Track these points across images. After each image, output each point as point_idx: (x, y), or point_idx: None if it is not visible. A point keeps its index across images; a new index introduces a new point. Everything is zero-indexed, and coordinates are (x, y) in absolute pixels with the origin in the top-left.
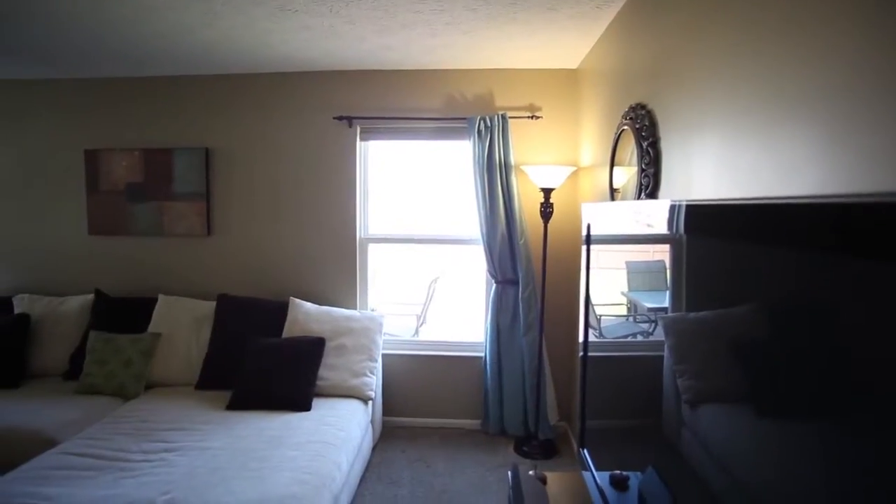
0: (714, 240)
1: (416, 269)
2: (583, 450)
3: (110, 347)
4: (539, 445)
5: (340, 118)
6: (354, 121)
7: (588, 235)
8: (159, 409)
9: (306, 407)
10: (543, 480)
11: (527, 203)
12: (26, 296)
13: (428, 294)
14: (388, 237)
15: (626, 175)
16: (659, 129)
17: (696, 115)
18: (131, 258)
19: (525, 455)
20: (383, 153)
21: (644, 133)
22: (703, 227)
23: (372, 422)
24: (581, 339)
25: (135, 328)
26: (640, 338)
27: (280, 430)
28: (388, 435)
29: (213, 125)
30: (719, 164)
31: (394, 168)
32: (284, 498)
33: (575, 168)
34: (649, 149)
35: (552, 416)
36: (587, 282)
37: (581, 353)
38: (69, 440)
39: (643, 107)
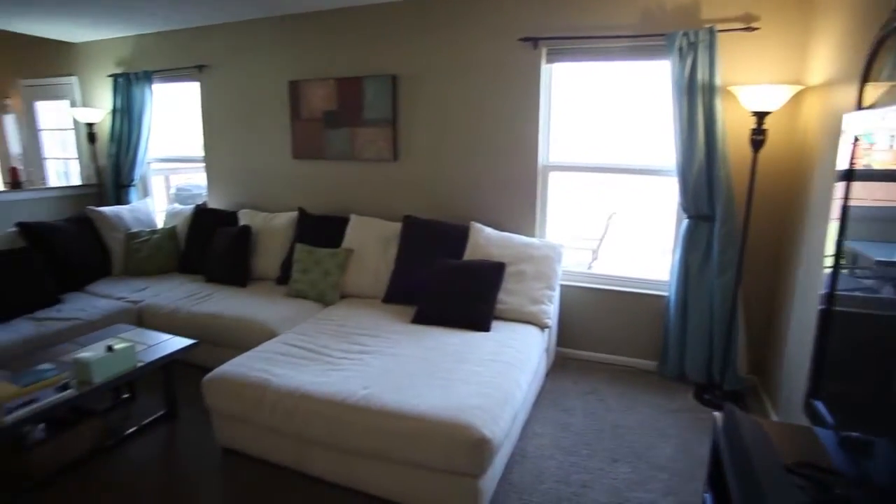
0: None
1: (593, 202)
2: (815, 402)
3: (312, 259)
4: (724, 396)
5: (526, 40)
6: (540, 42)
7: (851, 163)
8: (353, 316)
9: (486, 328)
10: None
11: (731, 129)
12: (247, 211)
13: (605, 228)
14: (571, 165)
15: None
16: None
17: None
18: (327, 180)
19: (706, 403)
20: (569, 76)
21: None
22: None
23: (546, 350)
24: (825, 290)
25: (331, 243)
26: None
27: (462, 346)
28: (560, 365)
29: (400, 53)
30: None
31: (579, 92)
32: (471, 408)
33: (800, 87)
34: None
35: (742, 366)
36: (842, 223)
37: (822, 307)
38: (285, 333)
39: None
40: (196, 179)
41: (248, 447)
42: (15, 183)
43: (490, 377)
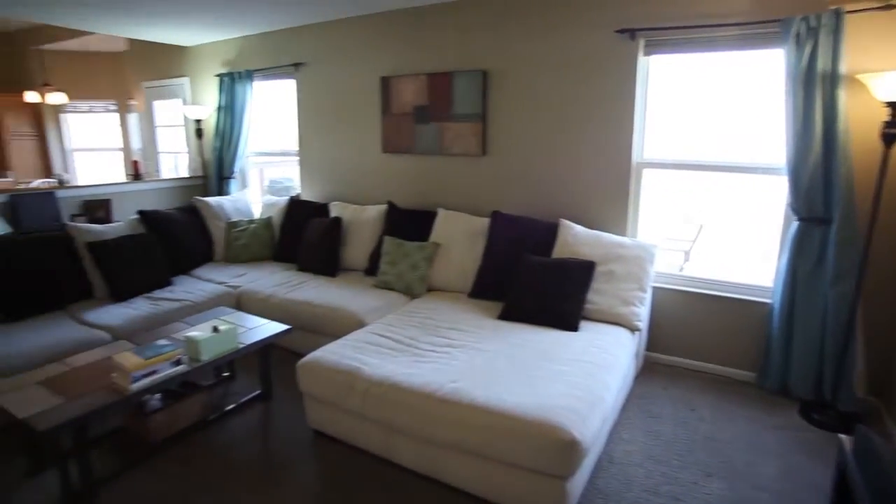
0: None
1: (687, 200)
2: None
3: (400, 251)
4: (837, 416)
5: (622, 31)
6: (638, 33)
7: None
8: (439, 309)
9: (574, 327)
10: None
11: (855, 123)
12: (338, 203)
13: (699, 229)
14: (666, 163)
15: None
16: None
17: None
18: (416, 174)
19: (814, 423)
20: (666, 68)
21: None
22: None
23: (635, 353)
24: None
25: (419, 236)
26: None
27: (550, 344)
28: (648, 370)
29: (490, 48)
30: None
31: (677, 85)
32: (561, 408)
33: None
34: None
35: (859, 386)
36: None
37: None
38: (373, 323)
39: None
40: (287, 172)
41: (337, 431)
42: (136, 175)
43: (579, 378)
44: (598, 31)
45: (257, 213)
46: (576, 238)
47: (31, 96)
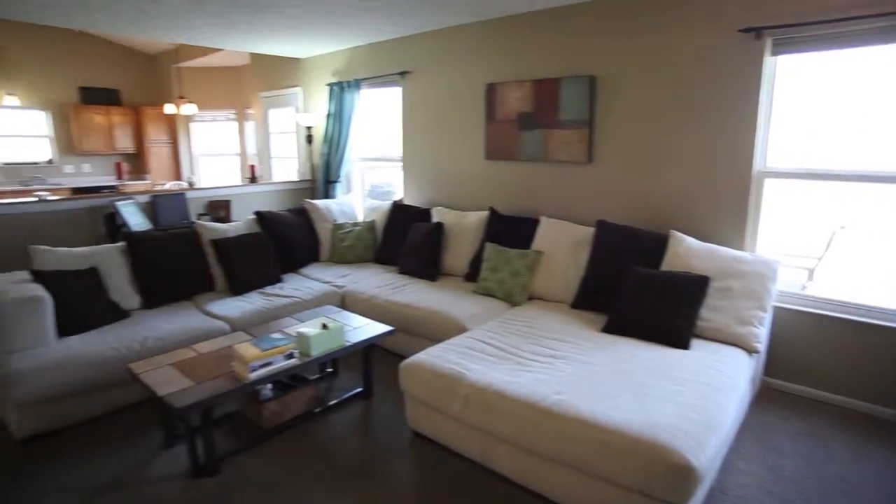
0: None
1: (812, 213)
2: None
3: (502, 258)
4: None
5: (747, 30)
6: (765, 32)
7: None
8: (541, 318)
9: (684, 345)
10: None
11: None
12: (440, 208)
13: (827, 245)
14: (792, 171)
15: None
16: None
17: None
18: (519, 181)
19: None
20: (795, 68)
21: None
22: None
23: (752, 377)
24: None
25: (521, 244)
26: None
27: (659, 361)
28: (766, 396)
29: (600, 52)
30: None
31: (807, 85)
32: (673, 429)
33: None
34: None
35: None
36: None
37: None
38: (474, 329)
39: None
40: (388, 177)
41: (436, 434)
42: (253, 178)
43: (693, 399)
44: (718, 31)
45: (361, 216)
46: (688, 251)
47: (168, 108)
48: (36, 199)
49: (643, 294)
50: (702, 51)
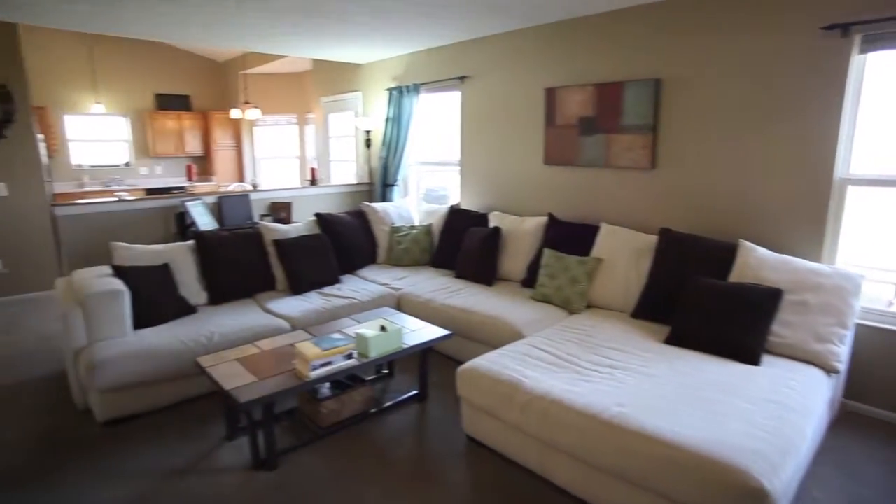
0: None
1: None
2: None
3: (560, 265)
4: None
5: (831, 27)
6: (852, 28)
7: None
8: (600, 327)
9: (754, 361)
10: None
11: None
12: (498, 213)
13: None
14: (879, 179)
15: None
16: None
17: None
18: (578, 187)
19: None
20: (884, 68)
21: None
22: None
23: (830, 399)
24: None
25: (580, 250)
26: None
27: (728, 377)
28: (846, 420)
29: (667, 54)
30: None
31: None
32: (745, 450)
33: None
34: None
35: None
36: None
37: None
38: (531, 336)
39: None
40: (443, 181)
41: (492, 440)
42: (313, 180)
43: (766, 419)
44: (798, 30)
45: (417, 219)
46: (759, 261)
47: (234, 113)
48: (116, 198)
49: (709, 306)
50: (780, 50)
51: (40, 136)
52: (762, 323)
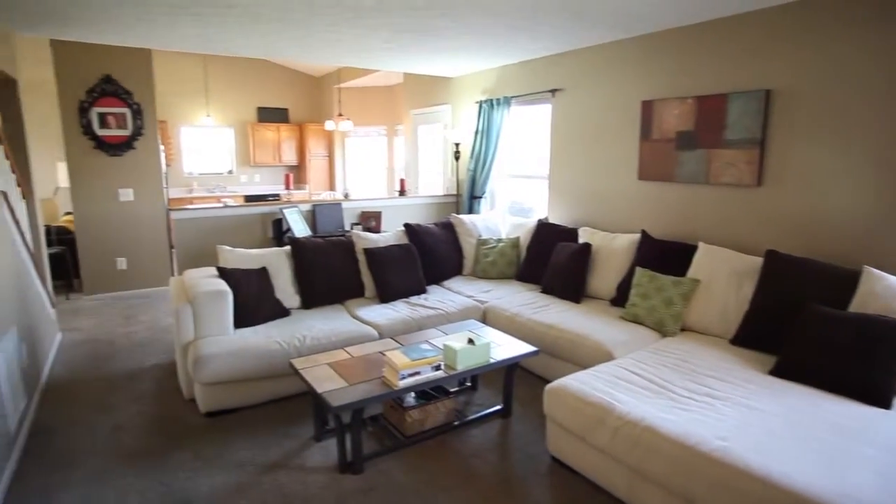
0: None
1: None
2: None
3: (653, 284)
4: None
5: None
6: None
7: None
8: (696, 353)
9: (884, 403)
10: None
11: None
12: (588, 228)
13: None
14: None
15: None
16: None
17: None
18: (674, 204)
19: None
20: None
21: None
22: None
23: None
24: None
25: (675, 270)
26: None
27: (850, 419)
28: None
29: (778, 63)
30: None
31: None
32: None
33: None
34: None
35: None
36: None
37: None
38: (622, 358)
39: None
40: (529, 195)
41: (577, 463)
42: (402, 191)
43: None
44: None
45: (504, 232)
46: (888, 290)
47: (329, 125)
48: (222, 204)
49: (829, 337)
50: None
51: (161, 147)
52: (893, 359)
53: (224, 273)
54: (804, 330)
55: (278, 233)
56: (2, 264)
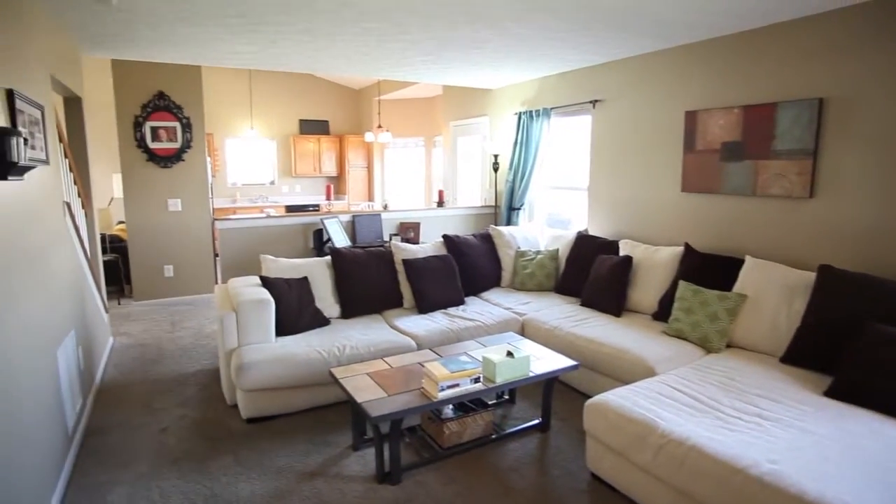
0: None
1: None
2: None
3: (697, 299)
4: None
5: None
6: None
7: None
8: (744, 371)
9: None
10: None
11: None
12: (629, 241)
13: None
14: None
15: None
16: None
17: None
18: (719, 216)
19: None
20: None
21: None
22: None
23: None
24: None
25: (720, 285)
26: None
27: None
28: None
29: (830, 71)
30: None
31: None
32: None
33: None
34: None
35: None
36: None
37: None
38: (665, 374)
39: None
40: (566, 206)
41: (618, 481)
42: (440, 202)
43: None
44: None
45: (542, 244)
46: None
47: (368, 136)
48: (265, 214)
49: (889, 358)
50: None
51: (208, 159)
52: None
53: (267, 282)
54: (864, 350)
55: (319, 243)
56: (64, 271)
